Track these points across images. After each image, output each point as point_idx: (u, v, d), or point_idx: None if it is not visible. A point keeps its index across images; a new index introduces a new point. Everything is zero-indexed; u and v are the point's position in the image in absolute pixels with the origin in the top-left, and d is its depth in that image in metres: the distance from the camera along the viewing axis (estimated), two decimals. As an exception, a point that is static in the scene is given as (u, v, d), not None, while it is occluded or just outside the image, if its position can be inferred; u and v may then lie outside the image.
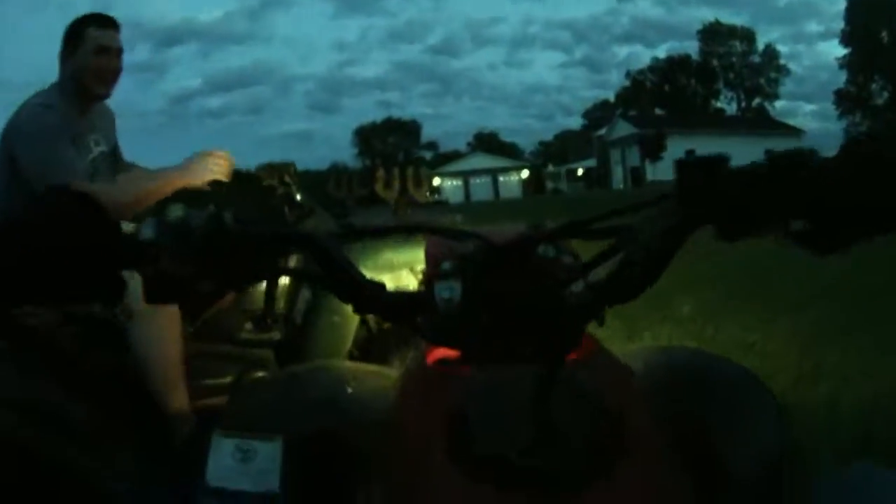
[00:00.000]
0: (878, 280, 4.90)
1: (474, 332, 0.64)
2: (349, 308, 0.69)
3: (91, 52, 2.36)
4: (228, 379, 2.36)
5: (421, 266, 1.54)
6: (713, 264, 5.81)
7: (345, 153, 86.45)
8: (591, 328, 0.71)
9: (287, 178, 2.83)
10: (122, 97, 2.64)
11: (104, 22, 2.44)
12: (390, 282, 1.57)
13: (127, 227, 0.64)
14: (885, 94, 52.29)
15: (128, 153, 2.72)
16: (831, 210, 0.58)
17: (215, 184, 2.29)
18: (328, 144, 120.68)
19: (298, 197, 2.84)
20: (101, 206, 0.61)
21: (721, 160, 0.64)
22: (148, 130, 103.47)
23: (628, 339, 4.17)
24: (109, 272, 0.61)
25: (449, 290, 0.64)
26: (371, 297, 0.67)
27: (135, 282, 0.62)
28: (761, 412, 0.79)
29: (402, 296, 0.70)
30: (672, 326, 4.64)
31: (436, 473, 0.60)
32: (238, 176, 2.59)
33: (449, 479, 0.59)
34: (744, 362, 1.80)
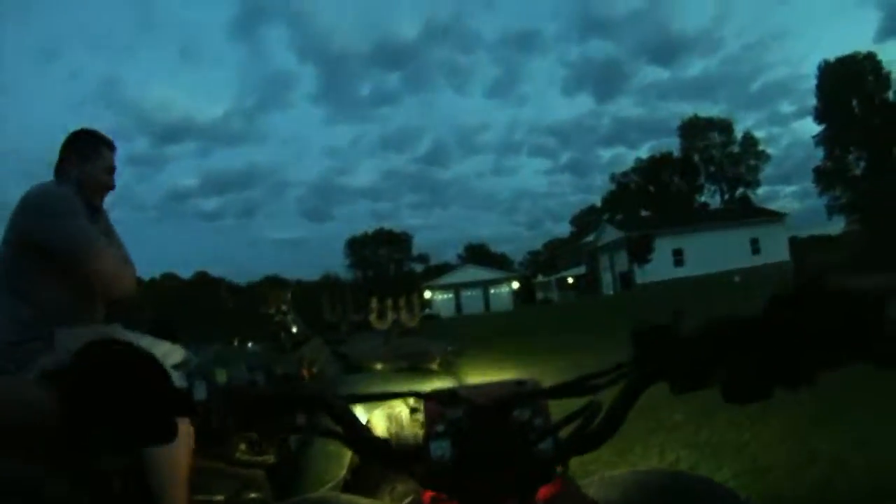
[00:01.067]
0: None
1: (462, 482, 0.78)
2: None
3: (103, 169, 2.72)
4: (221, 497, 2.38)
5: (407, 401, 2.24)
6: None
7: (336, 262, 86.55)
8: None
9: (284, 307, 3.14)
10: (121, 187, 2.93)
11: (112, 146, 2.80)
12: (384, 410, 2.09)
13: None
14: (863, 164, 52.48)
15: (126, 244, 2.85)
16: (755, 365, 0.67)
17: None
18: (320, 253, 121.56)
19: (294, 328, 3.11)
20: (155, 360, 0.69)
21: (667, 328, 0.74)
22: (144, 223, 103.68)
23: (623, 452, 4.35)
24: (165, 421, 0.69)
25: (441, 449, 0.80)
26: (377, 449, 0.84)
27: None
28: None
29: (403, 450, 0.85)
30: (667, 433, 4.77)
31: None
32: None
33: None
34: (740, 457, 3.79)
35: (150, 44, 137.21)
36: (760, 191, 71.23)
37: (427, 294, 63.29)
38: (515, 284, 65.57)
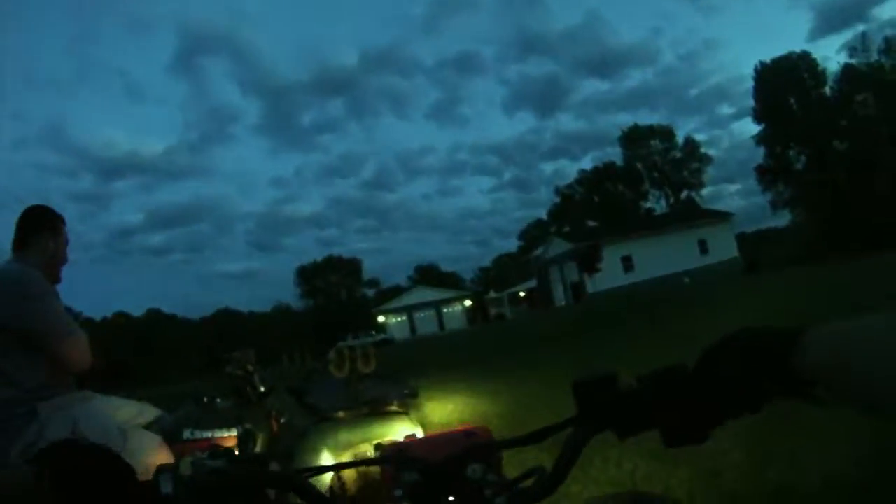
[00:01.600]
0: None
1: None
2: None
3: (64, 245, 2.95)
4: None
5: (375, 442, 2.70)
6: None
7: (287, 292, 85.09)
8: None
9: (249, 367, 3.46)
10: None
11: (63, 219, 2.99)
12: (350, 457, 2.55)
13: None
14: (804, 158, 53.51)
15: (72, 287, 3.15)
16: (694, 409, 0.74)
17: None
18: (270, 284, 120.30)
19: (260, 385, 3.47)
20: (119, 458, 0.73)
21: (610, 379, 0.81)
22: (91, 263, 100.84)
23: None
24: None
25: None
26: None
27: None
28: None
29: None
30: (624, 445, 3.96)
31: None
32: None
33: None
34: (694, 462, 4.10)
35: (92, 83, 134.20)
36: (705, 192, 72.57)
37: (380, 318, 62.67)
38: (468, 302, 65.33)
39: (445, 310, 63.93)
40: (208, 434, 3.26)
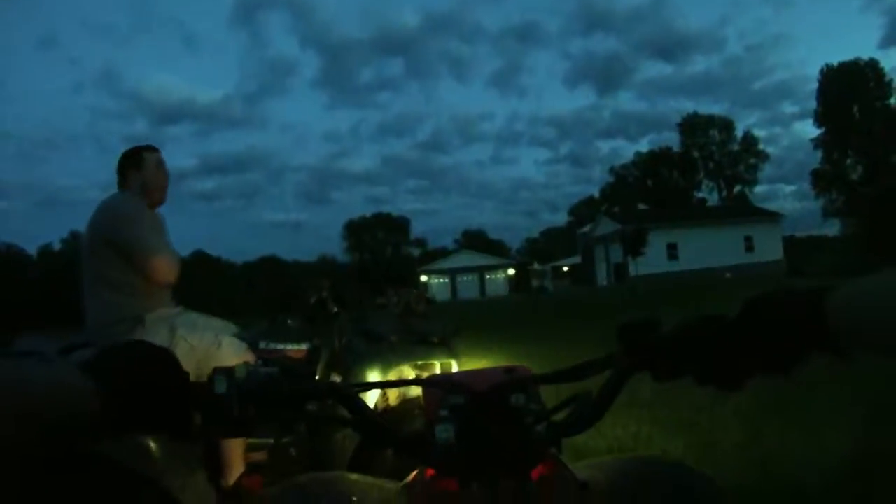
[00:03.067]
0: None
1: (465, 461, 0.86)
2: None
3: (152, 169, 3.28)
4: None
5: (416, 368, 3.56)
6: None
7: (334, 245, 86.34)
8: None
9: (323, 292, 3.79)
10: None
11: (151, 148, 3.37)
12: (396, 376, 3.49)
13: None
14: (860, 169, 52.94)
15: None
16: (730, 358, 0.76)
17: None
18: (317, 235, 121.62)
19: (332, 307, 3.80)
20: (176, 362, 0.78)
21: (653, 323, 0.84)
22: None
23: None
24: (183, 415, 0.78)
25: (445, 432, 0.87)
26: (385, 435, 0.92)
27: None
28: None
29: (409, 435, 0.91)
30: (633, 410, 5.24)
31: None
32: None
33: None
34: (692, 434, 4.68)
35: (150, 30, 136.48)
36: (759, 189, 71.91)
37: (423, 278, 63.81)
38: (511, 271, 66.09)
39: (488, 276, 64.81)
40: (281, 346, 3.62)
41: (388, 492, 0.98)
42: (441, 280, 64.63)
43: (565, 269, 61.40)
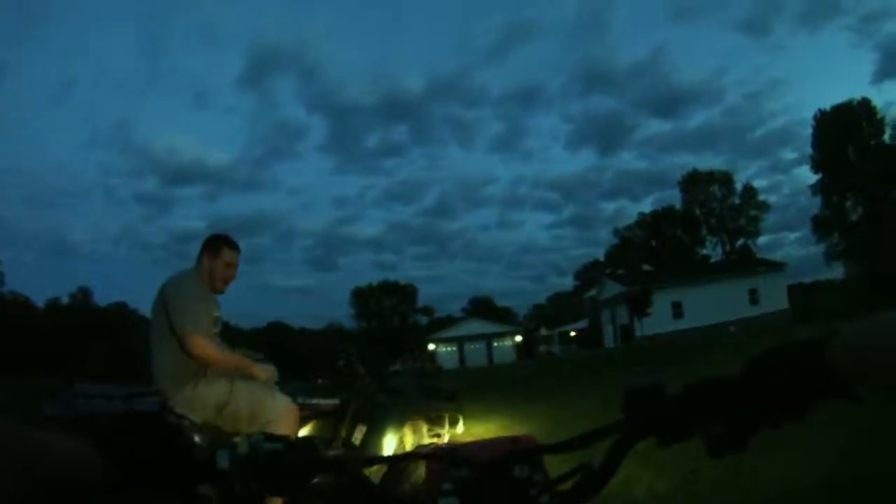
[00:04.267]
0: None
1: None
2: None
3: (223, 265, 3.71)
4: None
5: (428, 420, 4.41)
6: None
7: (341, 312, 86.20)
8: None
9: (352, 356, 4.22)
10: (128, 226, 4.05)
11: (233, 246, 3.80)
12: (411, 425, 4.28)
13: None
14: (860, 210, 52.75)
15: (126, 282, 4.21)
16: (737, 418, 0.76)
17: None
18: (323, 301, 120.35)
19: (359, 368, 4.25)
20: (185, 436, 0.89)
21: (657, 388, 0.83)
22: (149, 263, 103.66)
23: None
24: (189, 488, 0.80)
25: None
26: None
27: None
28: None
29: None
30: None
31: None
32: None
33: None
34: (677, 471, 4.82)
35: (162, 89, 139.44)
36: (763, 239, 71.70)
37: (430, 346, 63.59)
38: (518, 338, 65.78)
39: (496, 343, 64.41)
40: (314, 401, 4.10)
41: None
42: (449, 348, 64.24)
43: (572, 333, 61.01)
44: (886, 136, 52.46)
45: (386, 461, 1.22)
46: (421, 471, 3.38)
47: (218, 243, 3.79)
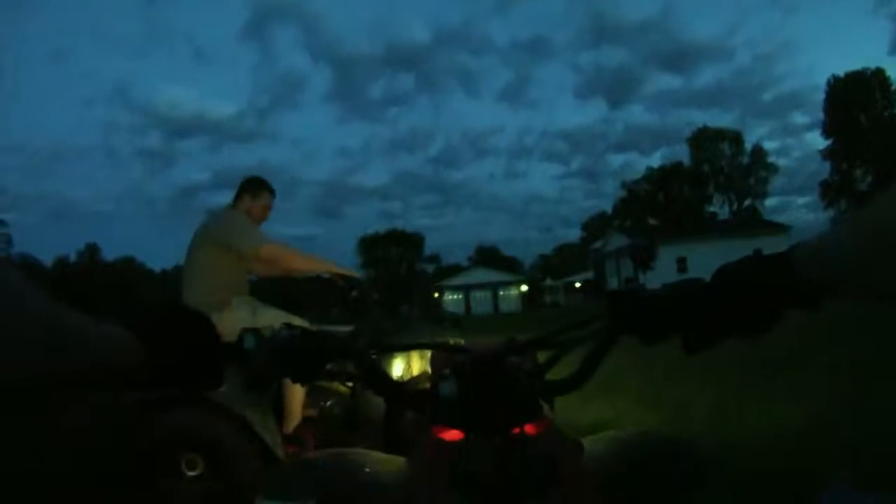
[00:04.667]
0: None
1: (465, 414, 0.93)
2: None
3: (261, 207, 4.03)
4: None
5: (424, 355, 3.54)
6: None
7: (348, 260, 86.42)
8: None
9: (364, 288, 4.23)
10: (135, 182, 4.49)
11: (272, 190, 4.12)
12: (419, 357, 3.89)
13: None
14: (869, 178, 53.21)
15: (133, 238, 4.29)
16: (710, 318, 0.78)
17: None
18: (330, 250, 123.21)
19: (372, 300, 4.32)
20: (210, 322, 0.87)
21: (637, 290, 0.88)
22: (154, 217, 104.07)
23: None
24: (215, 369, 0.87)
25: (448, 388, 0.93)
26: (392, 390, 1.03)
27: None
28: (711, 488, 1.02)
29: (417, 391, 1.04)
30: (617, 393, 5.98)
31: (439, 497, 0.88)
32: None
33: (449, 498, 0.86)
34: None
35: (162, 45, 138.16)
36: (771, 202, 71.99)
37: (436, 294, 64.25)
38: (524, 287, 66.26)
39: (501, 292, 65.23)
40: (330, 328, 4.35)
41: (399, 463, 1.07)
42: (455, 296, 65.09)
43: (577, 284, 61.74)
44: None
45: (395, 349, 1.28)
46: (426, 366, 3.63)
47: (259, 185, 4.08)
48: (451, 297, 65.06)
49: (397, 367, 3.89)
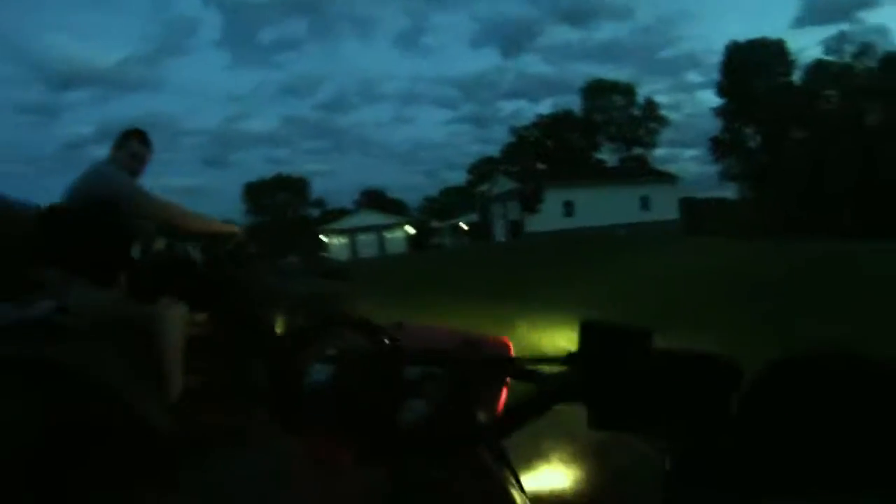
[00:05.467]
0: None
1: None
2: None
3: (128, 156, 3.78)
4: None
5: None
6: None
7: (233, 209, 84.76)
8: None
9: (240, 239, 4.00)
10: (15, 139, 6.69)
11: (144, 140, 3.87)
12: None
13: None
14: (759, 138, 55.38)
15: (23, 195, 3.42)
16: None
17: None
18: (217, 199, 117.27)
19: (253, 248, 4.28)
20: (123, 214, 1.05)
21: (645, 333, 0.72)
22: (40, 174, 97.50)
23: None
24: (115, 270, 0.98)
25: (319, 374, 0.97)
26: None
27: None
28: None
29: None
30: None
31: None
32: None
33: None
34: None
35: None
36: (660, 152, 73.32)
37: (323, 238, 62.77)
38: (410, 229, 65.54)
39: (388, 235, 64.14)
40: None
41: None
42: (341, 240, 63.46)
43: (464, 226, 61.27)
44: (795, 77, 54.45)
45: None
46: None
47: (125, 135, 3.85)
48: (336, 240, 63.12)
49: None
